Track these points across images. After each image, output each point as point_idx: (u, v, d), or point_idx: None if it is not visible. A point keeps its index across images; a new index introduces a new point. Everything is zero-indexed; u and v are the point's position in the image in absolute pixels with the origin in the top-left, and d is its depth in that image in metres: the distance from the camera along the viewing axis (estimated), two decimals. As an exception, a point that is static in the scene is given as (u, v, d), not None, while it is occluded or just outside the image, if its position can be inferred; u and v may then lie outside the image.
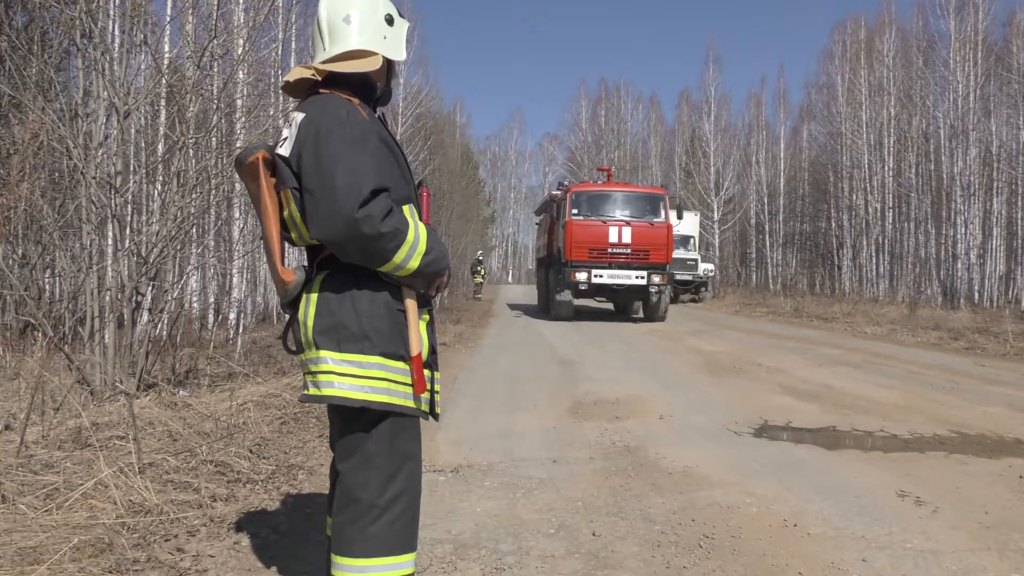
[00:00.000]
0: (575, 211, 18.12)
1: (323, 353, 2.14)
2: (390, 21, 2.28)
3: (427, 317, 2.27)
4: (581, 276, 17.57)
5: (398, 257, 2.07)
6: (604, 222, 17.91)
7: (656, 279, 17.68)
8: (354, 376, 2.12)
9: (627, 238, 17.74)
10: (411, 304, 2.19)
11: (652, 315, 18.60)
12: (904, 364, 10.21)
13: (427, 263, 2.13)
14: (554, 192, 20.84)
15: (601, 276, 17.66)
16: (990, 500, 4.10)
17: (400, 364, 2.16)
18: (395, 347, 2.15)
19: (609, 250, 17.73)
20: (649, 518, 3.82)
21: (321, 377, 2.15)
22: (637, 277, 17.72)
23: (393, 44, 2.29)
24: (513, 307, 26.43)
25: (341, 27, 2.23)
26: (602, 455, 5.14)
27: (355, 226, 1.98)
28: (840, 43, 37.06)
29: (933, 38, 30.84)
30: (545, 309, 21.23)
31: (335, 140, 2.05)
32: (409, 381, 2.17)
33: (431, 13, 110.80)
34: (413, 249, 2.09)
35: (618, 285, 17.88)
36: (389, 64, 2.34)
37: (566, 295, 18.20)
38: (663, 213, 18.30)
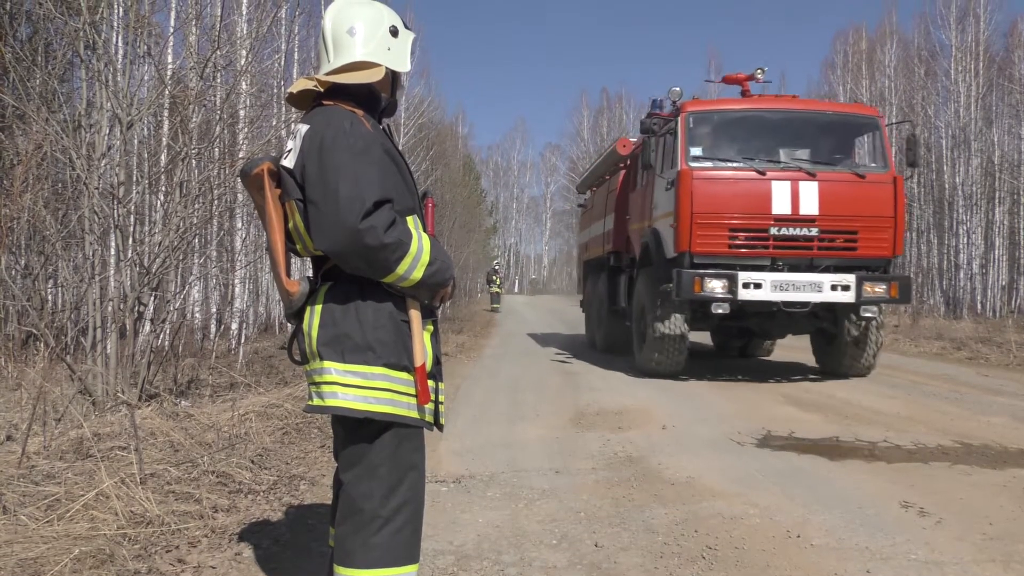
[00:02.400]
0: (696, 152, 9.18)
1: (327, 364, 2.14)
2: (395, 33, 2.28)
3: (431, 328, 2.27)
4: (715, 285, 8.66)
5: (401, 268, 2.07)
6: (761, 173, 8.89)
7: (876, 290, 8.73)
8: (358, 387, 2.12)
9: (810, 204, 8.77)
10: (415, 315, 2.19)
11: (848, 362, 9.67)
12: (907, 374, 10.18)
13: (431, 274, 2.14)
14: (651, 115, 10.81)
15: (758, 286, 8.68)
16: (994, 511, 4.07)
17: (404, 375, 2.16)
18: (399, 358, 2.15)
19: (775, 230, 8.80)
20: (652, 529, 3.80)
21: (325, 388, 2.15)
22: (836, 287, 8.70)
23: (397, 55, 2.30)
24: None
25: (345, 39, 2.24)
26: (605, 465, 5.12)
27: (358, 237, 1.99)
28: (841, 53, 37.11)
29: (935, 48, 30.94)
30: (610, 347, 12.72)
31: (339, 151, 2.06)
32: (413, 392, 2.17)
33: (433, 24, 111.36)
34: (416, 260, 2.09)
35: (791, 303, 8.73)
36: (394, 75, 2.35)
37: (675, 324, 9.30)
38: (881, 155, 9.40)
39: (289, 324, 2.34)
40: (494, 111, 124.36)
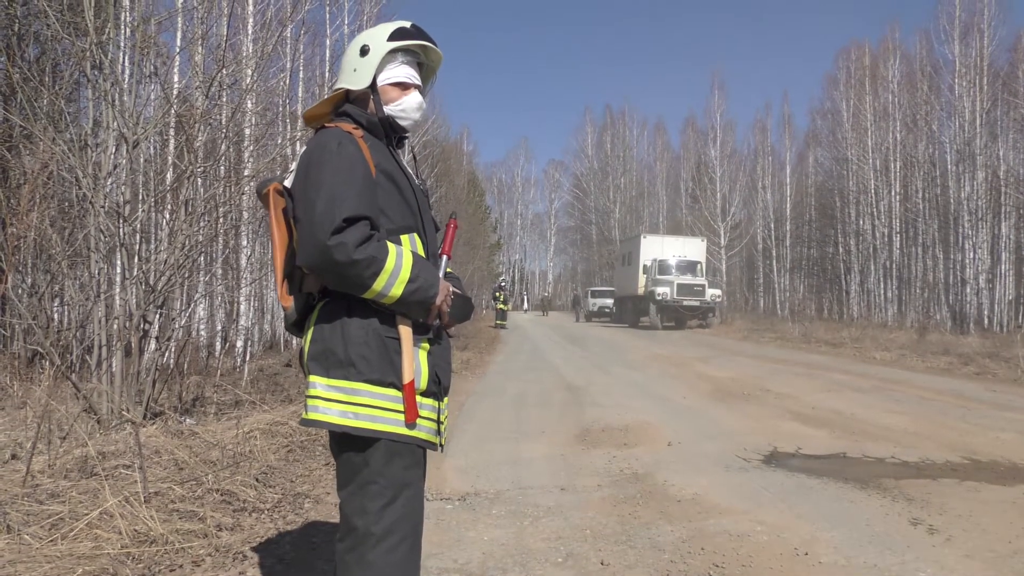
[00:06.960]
0: None
1: (313, 378, 2.16)
2: (364, 51, 2.31)
3: (427, 346, 2.23)
4: None
5: (377, 284, 2.07)
6: None
7: None
8: (339, 402, 2.12)
9: None
10: (405, 331, 2.16)
11: None
12: (914, 389, 10.13)
13: (411, 291, 2.11)
14: None
15: None
16: (1004, 528, 4.04)
17: (390, 391, 2.13)
18: (383, 374, 2.13)
19: None
20: (658, 547, 3.77)
21: (310, 402, 2.16)
22: None
23: (359, 74, 2.32)
24: None
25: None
26: (610, 483, 5.09)
27: (328, 253, 2.00)
28: (844, 69, 37.29)
29: (938, 63, 31.06)
30: None
31: (322, 170, 2.09)
32: (401, 408, 2.14)
33: (437, 40, 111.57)
34: (394, 277, 2.08)
35: None
36: (374, 91, 2.34)
37: None
38: None
39: (296, 337, 2.38)
40: (498, 127, 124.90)
